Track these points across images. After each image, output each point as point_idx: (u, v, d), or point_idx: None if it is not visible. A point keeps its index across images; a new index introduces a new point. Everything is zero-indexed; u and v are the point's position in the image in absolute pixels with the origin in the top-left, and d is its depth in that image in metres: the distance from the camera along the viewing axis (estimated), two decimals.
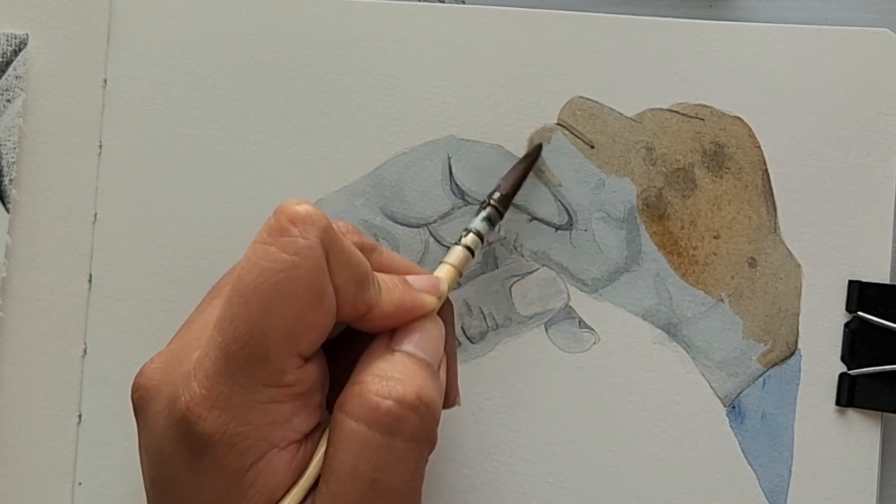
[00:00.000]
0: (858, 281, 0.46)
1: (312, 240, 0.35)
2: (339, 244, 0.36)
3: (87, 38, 0.47)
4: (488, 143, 0.47)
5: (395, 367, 0.37)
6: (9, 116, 0.46)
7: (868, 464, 0.45)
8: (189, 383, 0.35)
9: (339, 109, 0.47)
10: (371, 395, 0.35)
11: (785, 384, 0.46)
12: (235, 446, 0.34)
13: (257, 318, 0.34)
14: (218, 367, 0.34)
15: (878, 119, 0.46)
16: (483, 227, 0.43)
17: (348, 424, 0.35)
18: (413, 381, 0.36)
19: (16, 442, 0.46)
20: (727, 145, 0.47)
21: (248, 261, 0.35)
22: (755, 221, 0.46)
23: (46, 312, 0.46)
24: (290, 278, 0.34)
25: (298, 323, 0.35)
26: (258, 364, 0.34)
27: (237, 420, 0.34)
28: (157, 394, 0.36)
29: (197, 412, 0.34)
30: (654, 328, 0.46)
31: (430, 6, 0.47)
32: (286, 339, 0.35)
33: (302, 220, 0.35)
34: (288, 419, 0.35)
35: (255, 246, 0.35)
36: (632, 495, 0.46)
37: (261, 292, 0.34)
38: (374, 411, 0.35)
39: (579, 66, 0.47)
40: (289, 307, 0.34)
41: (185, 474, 0.35)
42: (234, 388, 0.34)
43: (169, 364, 0.37)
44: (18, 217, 0.46)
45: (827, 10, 0.48)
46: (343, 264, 0.36)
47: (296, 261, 0.34)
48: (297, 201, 0.35)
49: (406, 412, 0.35)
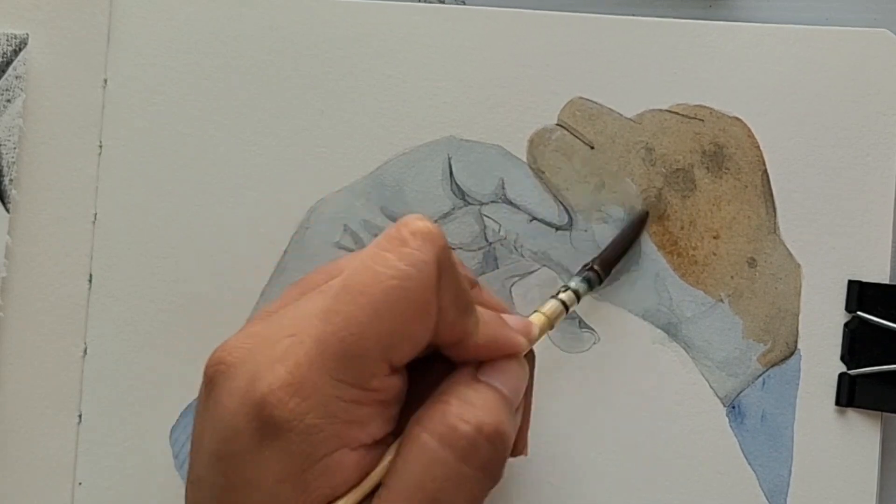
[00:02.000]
0: (858, 281, 0.46)
1: (429, 255, 0.35)
2: (452, 266, 0.36)
3: (87, 38, 0.47)
4: (488, 143, 0.47)
5: (480, 396, 0.37)
6: (9, 116, 0.46)
7: (868, 464, 0.45)
8: (275, 366, 0.35)
9: (339, 109, 0.47)
10: (453, 415, 0.36)
11: (785, 384, 0.46)
12: (310, 437, 0.34)
13: (363, 318, 0.35)
14: (310, 357, 0.35)
15: (878, 119, 0.46)
16: (582, 287, 0.44)
17: (423, 438, 0.36)
18: (494, 414, 0.37)
19: (16, 442, 0.46)
20: (727, 146, 0.47)
21: (364, 263, 0.35)
22: (755, 222, 0.46)
23: (46, 312, 0.46)
24: (402, 287, 0.35)
25: (399, 332, 0.35)
26: (351, 363, 0.35)
27: (317, 411, 0.34)
28: (238, 370, 0.36)
29: (278, 396, 0.34)
30: (654, 328, 0.46)
31: (430, 7, 0.47)
32: (383, 346, 0.35)
33: (422, 235, 0.36)
34: (365, 422, 0.35)
35: (372, 250, 0.36)
36: (632, 495, 0.46)
37: (371, 294, 0.35)
38: (452, 431, 0.36)
39: (579, 67, 0.47)
40: (394, 315, 0.35)
41: (252, 454, 0.35)
42: (322, 381, 0.35)
43: (255, 344, 0.37)
44: (18, 217, 0.46)
45: (827, 10, 0.48)
46: (451, 287, 0.36)
47: (410, 272, 0.35)
48: (420, 217, 0.36)
49: (482, 441, 0.36)
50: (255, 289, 0.46)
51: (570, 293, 0.43)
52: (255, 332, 0.38)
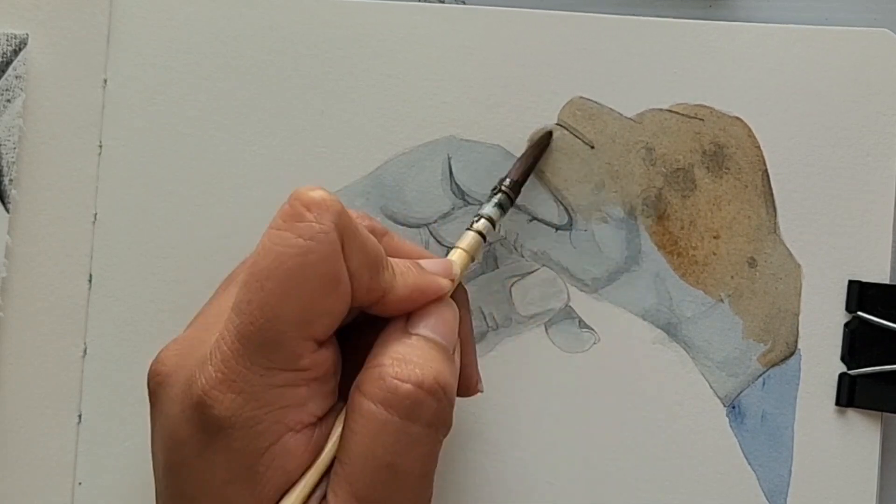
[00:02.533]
0: (858, 281, 0.46)
1: (327, 225, 0.35)
2: (354, 229, 0.36)
3: (87, 38, 0.47)
4: (488, 143, 0.47)
5: (413, 350, 0.37)
6: (9, 116, 0.46)
7: (868, 464, 0.45)
8: (205, 367, 0.35)
9: (339, 109, 0.47)
10: (390, 377, 0.36)
11: (785, 384, 0.46)
12: (251, 429, 0.34)
13: (273, 302, 0.34)
14: (234, 351, 0.35)
15: (878, 119, 0.46)
16: (495, 212, 0.43)
17: (366, 406, 0.35)
18: (431, 366, 0.36)
19: (16, 442, 0.46)
20: (727, 145, 0.47)
21: (264, 246, 0.35)
22: (755, 221, 0.46)
23: (46, 312, 0.46)
24: (306, 263, 0.35)
25: (313, 308, 0.35)
26: (274, 348, 0.35)
27: (253, 403, 0.34)
28: (174, 379, 0.36)
29: (213, 395, 0.34)
30: (654, 328, 0.46)
31: (430, 6, 0.47)
32: (301, 324, 0.35)
33: (317, 205, 0.35)
34: (303, 403, 0.35)
35: (270, 231, 0.35)
36: (632, 495, 0.46)
37: (276, 277, 0.34)
38: (392, 394, 0.35)
39: (579, 67, 0.47)
40: (304, 292, 0.35)
41: (199, 458, 0.35)
42: (250, 371, 0.34)
43: (185, 349, 0.37)
44: (18, 217, 0.46)
45: (827, 10, 0.48)
46: (358, 249, 0.36)
47: (311, 245, 0.35)
48: (312, 187, 0.36)
49: (424, 396, 0.36)
50: None
51: (485, 221, 0.42)
52: (184, 338, 0.38)
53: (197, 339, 0.37)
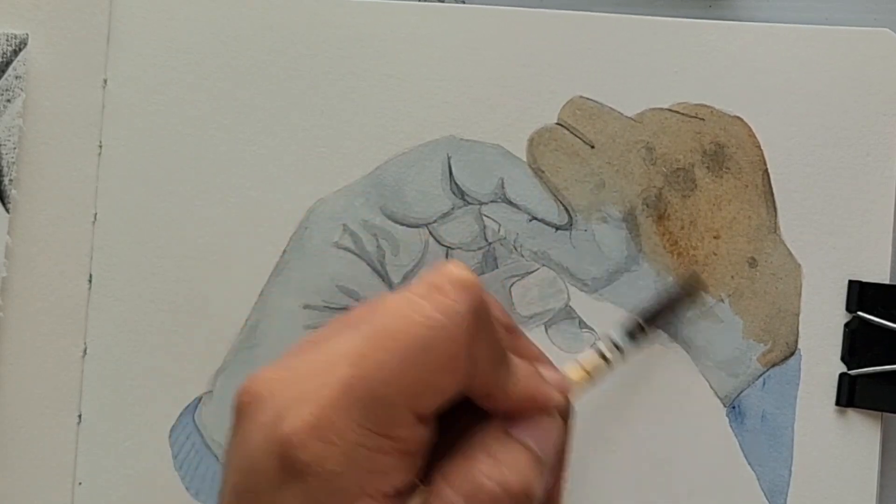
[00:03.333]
0: (858, 281, 0.46)
1: (464, 307, 0.35)
2: (488, 319, 0.36)
3: (87, 38, 0.47)
4: (488, 143, 0.47)
5: (509, 453, 0.36)
6: (9, 116, 0.46)
7: (868, 464, 0.45)
8: (302, 406, 0.34)
9: (339, 109, 0.47)
10: (479, 473, 0.35)
11: (785, 384, 0.46)
12: (331, 483, 0.34)
13: (391, 365, 0.34)
14: (336, 401, 0.34)
15: (878, 119, 0.46)
16: (625, 341, 0.43)
17: (448, 495, 0.35)
18: (522, 473, 0.36)
19: (16, 442, 0.46)
20: (727, 145, 0.47)
21: (398, 307, 0.35)
22: (755, 221, 0.46)
23: (46, 312, 0.46)
24: (434, 337, 0.34)
25: (427, 382, 0.34)
26: (377, 410, 0.34)
27: (340, 458, 0.34)
28: (266, 405, 0.35)
29: (301, 438, 0.34)
30: (624, 356, 0.46)
31: (430, 6, 0.47)
32: (411, 395, 0.34)
33: (460, 284, 0.35)
34: (388, 472, 0.34)
35: (408, 295, 0.35)
36: (632, 495, 0.46)
37: (401, 341, 0.34)
38: (478, 490, 0.35)
39: (579, 66, 0.47)
40: (423, 365, 0.34)
41: (271, 493, 0.34)
42: (346, 427, 0.34)
43: (284, 378, 0.36)
44: (18, 217, 0.46)
45: (827, 10, 0.48)
46: (486, 339, 0.35)
47: (444, 322, 0.34)
48: (459, 265, 0.36)
49: (507, 501, 0.35)
50: (255, 289, 0.46)
51: (612, 345, 0.42)
52: (289, 366, 0.37)
53: (299, 371, 0.36)
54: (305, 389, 0.35)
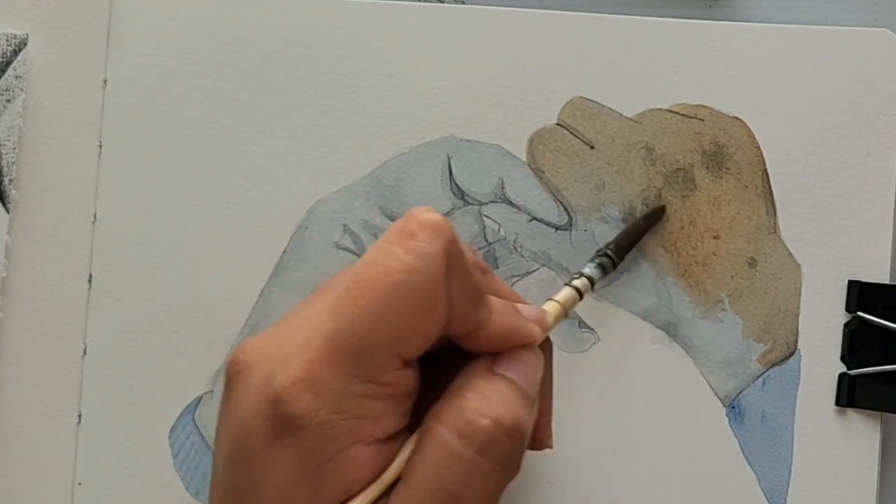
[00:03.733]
0: (858, 281, 0.46)
1: (436, 248, 0.35)
2: (461, 258, 0.36)
3: (87, 38, 0.47)
4: (488, 143, 0.47)
5: (496, 389, 0.37)
6: (9, 116, 0.46)
7: (868, 464, 0.45)
8: (289, 364, 0.35)
9: (339, 109, 0.47)
10: (470, 410, 0.36)
11: (785, 384, 0.46)
12: (324, 432, 0.34)
13: (371, 312, 0.35)
14: (322, 354, 0.35)
15: (878, 119, 0.46)
16: (595, 273, 0.43)
17: (441, 433, 0.36)
18: (511, 407, 0.37)
19: (16, 442, 0.46)
20: (727, 145, 0.47)
21: (371, 257, 0.36)
22: (755, 222, 0.46)
23: (46, 312, 0.46)
24: (409, 281, 0.35)
25: (408, 326, 0.35)
26: (361, 357, 0.35)
27: (330, 407, 0.35)
28: (253, 370, 0.36)
29: (292, 392, 0.34)
30: (654, 328, 0.46)
31: (430, 6, 0.47)
32: (393, 340, 0.35)
33: (430, 227, 0.35)
34: (378, 417, 0.35)
35: (380, 244, 0.36)
36: (632, 495, 0.46)
37: (378, 289, 0.35)
38: (470, 426, 0.36)
39: (579, 66, 0.47)
40: (402, 309, 0.35)
41: (265, 453, 0.35)
42: (333, 376, 0.35)
43: (269, 344, 0.37)
44: (18, 217, 0.46)
45: (827, 10, 0.48)
46: (461, 278, 0.36)
47: (417, 265, 0.35)
48: (427, 209, 0.36)
49: (501, 435, 0.36)
50: (255, 289, 0.46)
51: (584, 280, 0.42)
52: (271, 333, 0.38)
53: (283, 335, 0.37)
54: (291, 349, 0.35)
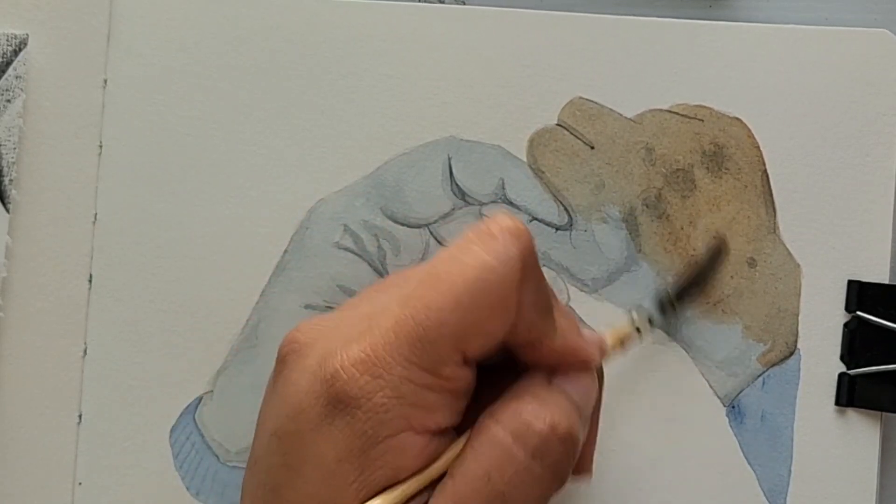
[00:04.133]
0: (858, 281, 0.46)
1: (514, 252, 0.36)
2: (536, 267, 0.36)
3: (87, 38, 0.47)
4: (488, 143, 0.47)
5: (554, 397, 0.37)
6: (9, 116, 0.46)
7: (868, 464, 0.46)
8: (350, 345, 0.35)
9: (339, 109, 0.47)
10: (527, 412, 0.36)
11: (784, 384, 0.46)
12: (377, 415, 0.35)
13: (441, 305, 0.35)
14: (386, 339, 0.35)
15: (878, 119, 0.46)
16: (655, 312, 0.43)
17: (496, 431, 0.36)
18: (568, 417, 0.37)
19: (16, 442, 0.46)
20: (727, 146, 0.47)
21: (450, 253, 0.36)
22: (754, 222, 0.46)
23: (46, 312, 0.46)
24: (485, 279, 0.35)
25: (476, 323, 0.35)
26: (425, 347, 0.35)
27: (387, 391, 0.35)
28: (310, 349, 0.37)
29: (350, 372, 0.35)
30: (654, 328, 0.46)
31: (430, 6, 0.47)
32: (459, 334, 0.35)
33: (511, 231, 0.36)
34: (432, 408, 0.35)
35: (459, 242, 0.36)
36: (631, 495, 0.46)
37: (453, 283, 0.35)
38: (526, 427, 0.36)
39: (579, 67, 0.47)
40: (474, 306, 0.35)
41: (316, 431, 0.35)
42: (395, 361, 0.35)
43: (328, 326, 0.37)
44: (18, 217, 0.46)
45: (827, 10, 0.48)
46: (533, 286, 0.36)
47: (494, 265, 0.35)
48: (509, 214, 0.37)
49: (555, 440, 0.36)
50: (255, 289, 0.46)
51: (645, 318, 0.43)
52: (330, 317, 0.38)
53: (343, 320, 0.37)
54: (353, 332, 0.36)
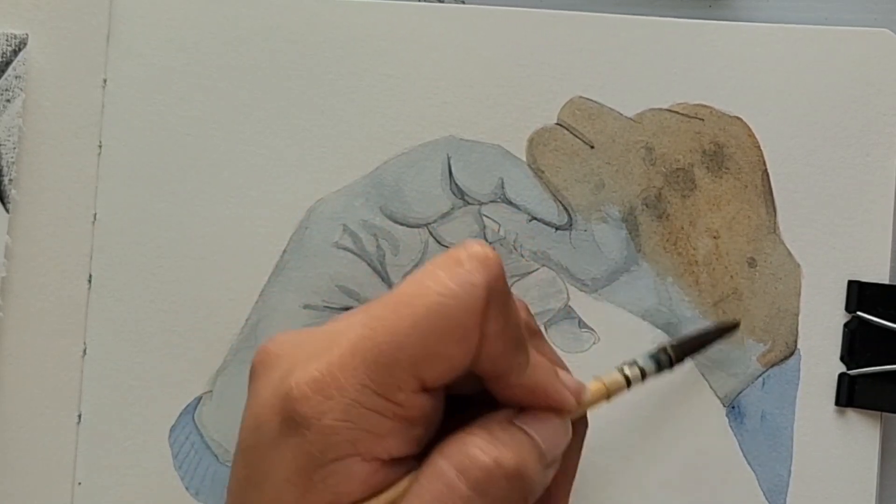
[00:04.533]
0: (858, 281, 0.46)
1: (479, 279, 0.35)
2: (504, 297, 0.36)
3: (87, 38, 0.47)
4: (488, 143, 0.47)
5: (509, 436, 0.36)
6: (9, 116, 0.46)
7: (867, 464, 0.45)
8: (309, 363, 0.35)
9: (339, 109, 0.47)
10: (474, 446, 0.35)
11: (784, 384, 0.46)
12: (325, 437, 0.34)
13: (400, 328, 0.35)
14: (342, 359, 0.35)
15: (878, 119, 0.46)
16: (649, 365, 0.41)
17: (440, 465, 0.35)
18: (520, 455, 0.36)
19: (16, 442, 0.46)
20: (727, 145, 0.47)
21: (416, 277, 0.36)
22: (754, 221, 0.46)
23: (46, 312, 0.46)
24: (445, 305, 0.35)
25: (435, 350, 0.35)
26: (380, 370, 0.35)
27: (336, 413, 0.34)
28: (277, 363, 0.36)
29: (303, 390, 0.35)
30: (654, 328, 0.46)
31: (430, 6, 0.47)
32: (416, 360, 0.35)
33: (478, 259, 0.35)
34: (382, 435, 0.35)
35: (427, 266, 0.36)
36: (631, 495, 0.46)
37: (414, 306, 0.35)
38: (470, 461, 0.35)
39: (579, 66, 0.47)
40: (433, 331, 0.35)
41: (271, 448, 0.35)
42: (348, 383, 0.35)
43: (300, 340, 0.37)
44: (18, 217, 0.46)
45: (827, 10, 0.48)
46: (500, 316, 0.36)
47: (457, 291, 0.35)
48: (480, 242, 0.36)
49: (500, 477, 0.35)
50: (255, 289, 0.46)
51: (636, 369, 0.41)
52: (305, 332, 0.38)
53: (314, 335, 0.37)
54: (317, 349, 0.36)
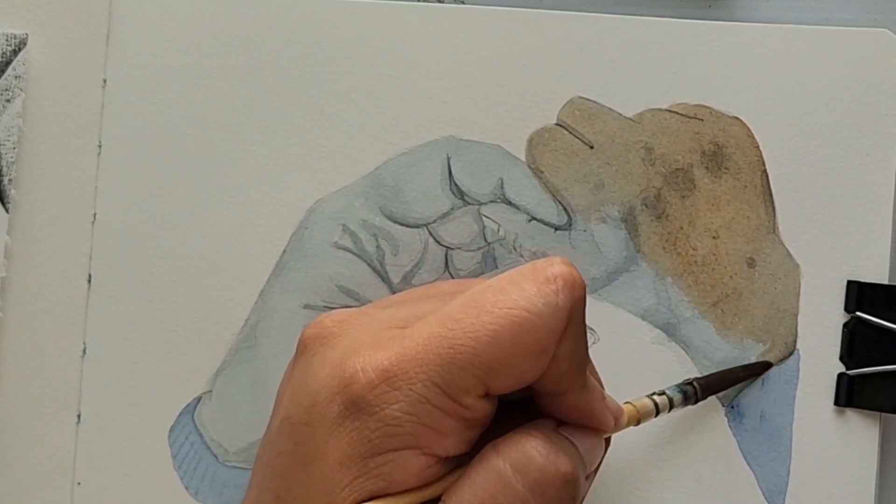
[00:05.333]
0: (857, 281, 0.46)
1: (565, 303, 0.35)
2: (582, 322, 0.36)
3: (87, 38, 0.47)
4: (488, 143, 0.47)
5: (562, 443, 0.37)
6: (9, 116, 0.46)
7: (867, 464, 0.45)
8: (377, 349, 0.35)
9: (339, 109, 0.47)
10: (532, 447, 0.36)
11: (784, 384, 0.46)
12: (387, 426, 0.34)
13: (479, 336, 0.35)
14: (415, 352, 0.35)
15: (878, 119, 0.46)
16: (677, 396, 0.43)
17: (497, 464, 0.35)
18: (574, 461, 0.36)
19: (16, 442, 0.46)
20: (726, 145, 0.47)
21: (501, 284, 0.36)
22: (754, 222, 0.46)
23: (46, 312, 0.46)
24: (529, 323, 0.35)
25: (510, 363, 0.35)
26: (452, 372, 0.35)
27: (403, 405, 0.34)
28: (337, 341, 0.36)
29: (370, 377, 0.35)
30: (653, 328, 0.46)
31: (430, 6, 0.47)
32: (489, 369, 0.35)
33: (565, 280, 0.36)
34: (443, 433, 0.35)
35: (515, 276, 0.36)
36: (631, 495, 0.46)
37: (497, 317, 0.35)
38: (528, 461, 0.35)
39: (579, 66, 0.47)
40: (510, 345, 0.35)
41: (327, 428, 0.35)
42: (417, 378, 0.35)
43: (361, 324, 0.37)
44: (18, 217, 0.46)
45: (827, 10, 0.48)
46: (574, 339, 0.36)
47: (542, 311, 0.35)
48: (569, 262, 0.36)
49: (557, 479, 0.36)
50: (254, 289, 0.46)
51: (665, 398, 0.42)
52: (366, 312, 0.38)
53: (379, 320, 0.37)
54: (382, 337, 0.36)
